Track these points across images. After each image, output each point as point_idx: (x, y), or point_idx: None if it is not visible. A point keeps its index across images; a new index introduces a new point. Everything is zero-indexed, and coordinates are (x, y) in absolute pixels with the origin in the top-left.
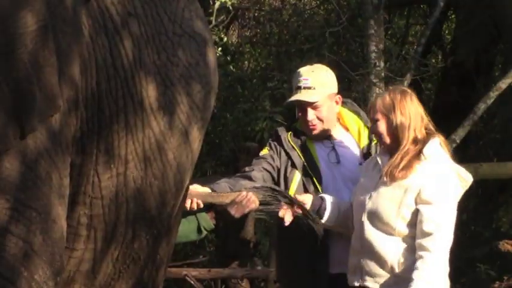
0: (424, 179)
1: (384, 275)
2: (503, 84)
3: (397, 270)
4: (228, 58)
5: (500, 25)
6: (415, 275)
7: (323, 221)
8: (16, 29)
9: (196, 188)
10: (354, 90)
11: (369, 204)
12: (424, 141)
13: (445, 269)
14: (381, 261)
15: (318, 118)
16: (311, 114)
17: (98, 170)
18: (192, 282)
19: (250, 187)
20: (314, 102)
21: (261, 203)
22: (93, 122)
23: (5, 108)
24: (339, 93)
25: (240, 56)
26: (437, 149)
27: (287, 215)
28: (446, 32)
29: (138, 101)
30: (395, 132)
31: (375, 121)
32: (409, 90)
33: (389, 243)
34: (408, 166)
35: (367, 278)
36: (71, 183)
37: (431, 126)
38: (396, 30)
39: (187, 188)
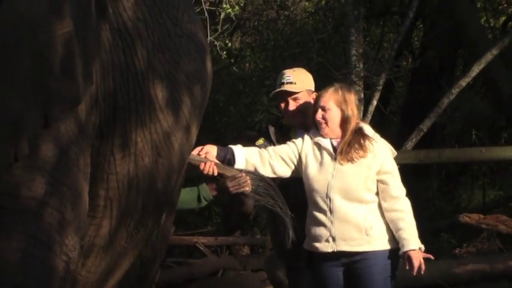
0: (381, 155)
1: (357, 238)
2: (463, 83)
3: (369, 231)
4: (232, 61)
5: (461, 36)
6: (405, 234)
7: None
8: (48, 34)
9: (213, 157)
10: None
11: (336, 183)
12: (359, 127)
13: None
14: (354, 227)
15: (298, 108)
16: (292, 104)
17: (114, 151)
18: (201, 248)
19: (251, 173)
20: (296, 93)
21: (252, 191)
22: (109, 114)
23: (35, 101)
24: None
25: (241, 59)
26: (370, 129)
27: None
28: (415, 38)
29: (149, 100)
30: (344, 121)
31: (325, 109)
32: (351, 87)
33: (359, 211)
34: (362, 147)
35: (341, 243)
36: (91, 162)
37: None
38: (373, 37)
39: (186, 166)
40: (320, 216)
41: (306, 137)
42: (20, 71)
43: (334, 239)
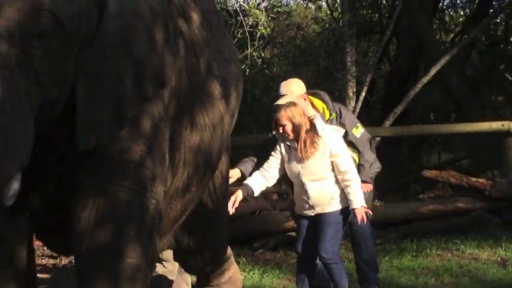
0: (330, 143)
1: (326, 204)
2: (424, 80)
3: (333, 198)
4: (265, 66)
5: (423, 47)
6: (351, 197)
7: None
8: (142, 39)
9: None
10: (337, 84)
11: (305, 171)
12: (312, 125)
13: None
14: (323, 197)
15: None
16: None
17: (185, 128)
18: None
19: None
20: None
21: None
22: (182, 101)
23: (133, 88)
24: (326, 87)
25: (271, 64)
26: (321, 123)
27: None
28: (391, 50)
29: (210, 93)
30: (296, 130)
31: (283, 125)
32: (295, 101)
33: (324, 185)
34: (313, 144)
35: (317, 208)
36: (170, 136)
37: (310, 112)
38: (362, 49)
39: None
40: (301, 193)
41: (281, 143)
42: (120, 68)
43: (313, 207)
